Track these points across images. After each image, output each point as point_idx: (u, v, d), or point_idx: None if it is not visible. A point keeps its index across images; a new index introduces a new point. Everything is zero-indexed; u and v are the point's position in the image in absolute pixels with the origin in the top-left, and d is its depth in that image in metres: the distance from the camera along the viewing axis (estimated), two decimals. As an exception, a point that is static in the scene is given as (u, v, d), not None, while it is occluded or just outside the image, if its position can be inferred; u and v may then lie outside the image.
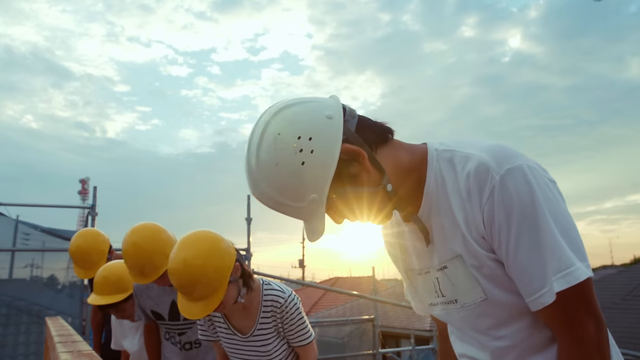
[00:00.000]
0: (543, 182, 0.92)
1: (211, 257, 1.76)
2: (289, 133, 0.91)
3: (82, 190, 29.74)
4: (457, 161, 0.98)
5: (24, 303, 5.76)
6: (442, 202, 1.00)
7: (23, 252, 6.22)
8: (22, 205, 5.85)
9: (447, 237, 1.00)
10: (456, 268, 1.01)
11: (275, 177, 0.92)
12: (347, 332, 7.54)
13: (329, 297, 19.29)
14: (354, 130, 0.98)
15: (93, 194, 5.57)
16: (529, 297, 0.93)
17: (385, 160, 1.00)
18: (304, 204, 0.94)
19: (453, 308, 1.06)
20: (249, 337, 1.95)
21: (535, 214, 0.89)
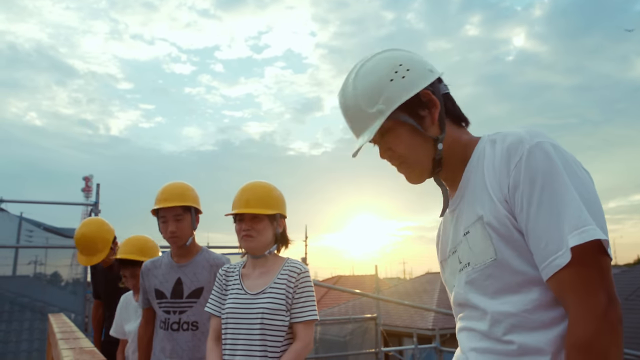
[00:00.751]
0: (570, 158, 1.00)
1: (270, 190, 2.19)
2: (395, 58, 1.12)
3: (86, 188, 29.79)
4: (499, 139, 1.07)
5: (27, 299, 5.78)
6: (479, 174, 1.08)
7: (26, 249, 6.24)
8: (25, 202, 5.88)
9: (475, 202, 1.07)
10: (476, 230, 1.06)
11: (368, 81, 1.11)
12: (350, 330, 7.54)
13: (331, 295, 19.31)
14: (441, 93, 1.14)
15: (96, 191, 5.58)
16: (544, 261, 0.95)
17: (449, 132, 1.14)
18: (372, 110, 1.10)
19: (464, 273, 1.10)
20: (258, 295, 2.02)
21: (557, 181, 0.95)
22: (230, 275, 2.18)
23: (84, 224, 3.38)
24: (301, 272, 2.06)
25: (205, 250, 2.60)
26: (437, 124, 1.12)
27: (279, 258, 2.16)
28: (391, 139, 1.13)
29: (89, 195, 21.73)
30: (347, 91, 1.15)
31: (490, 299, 1.04)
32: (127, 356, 2.96)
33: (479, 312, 1.07)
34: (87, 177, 31.43)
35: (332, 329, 7.78)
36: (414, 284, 20.33)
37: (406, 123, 1.11)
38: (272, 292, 2.01)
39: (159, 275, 2.53)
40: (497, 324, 1.02)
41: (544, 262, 0.95)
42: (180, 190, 2.54)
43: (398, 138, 1.12)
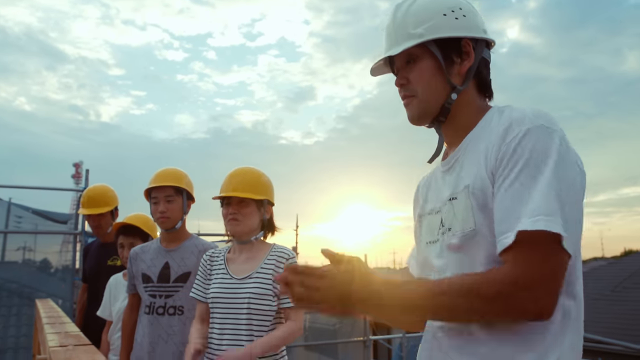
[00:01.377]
0: (565, 151, 0.97)
1: (259, 175, 2.21)
2: (459, 2, 1.15)
3: (76, 174, 29.56)
4: (506, 112, 1.07)
5: (16, 285, 5.76)
6: (479, 142, 1.08)
7: (15, 235, 6.21)
8: (14, 187, 5.83)
9: (468, 170, 1.07)
10: (462, 198, 1.05)
11: (425, 4, 1.14)
12: (339, 318, 7.59)
13: (321, 284, 19.38)
14: (483, 55, 1.16)
15: (86, 177, 5.54)
16: (498, 236, 0.94)
17: (470, 93, 1.16)
18: (412, 31, 1.13)
19: (446, 237, 1.09)
20: (244, 279, 2.03)
21: (540, 166, 0.94)
22: (214, 259, 2.19)
23: (93, 185, 3.57)
24: (290, 258, 2.08)
25: (194, 237, 2.62)
26: (462, 76, 1.14)
27: (266, 244, 2.17)
28: (413, 70, 1.15)
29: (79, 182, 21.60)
30: (403, 6, 1.17)
31: (463, 268, 1.03)
32: (112, 339, 2.95)
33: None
34: (77, 163, 31.18)
35: (322, 317, 7.82)
36: (404, 274, 20.41)
37: (434, 58, 1.13)
38: (258, 277, 2.01)
39: (146, 259, 2.54)
40: None
41: (498, 237, 0.95)
42: (174, 173, 2.58)
43: (420, 70, 1.14)
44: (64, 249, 6.03)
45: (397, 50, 1.14)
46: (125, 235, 2.96)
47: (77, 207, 5.93)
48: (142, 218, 3.03)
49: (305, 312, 2.08)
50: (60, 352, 1.44)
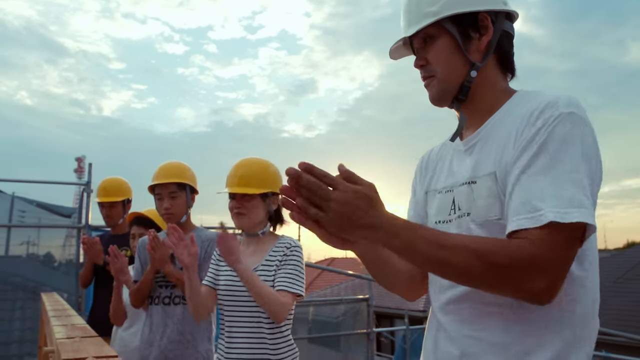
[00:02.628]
0: (595, 144, 0.95)
1: (265, 167, 2.17)
2: None
3: (78, 169, 29.66)
4: (533, 98, 1.03)
5: (20, 279, 5.77)
6: (504, 127, 1.03)
7: (19, 229, 6.20)
8: (17, 181, 5.83)
9: (491, 154, 1.03)
10: (484, 184, 1.01)
11: None
12: (342, 311, 7.60)
13: (324, 277, 19.44)
14: (503, 30, 1.10)
15: (89, 171, 5.53)
16: (517, 215, 0.90)
17: (491, 71, 1.11)
18: (427, 10, 1.08)
19: (463, 222, 1.05)
20: None
21: (572, 154, 0.90)
22: None
23: (108, 177, 3.59)
24: (290, 246, 2.05)
25: (199, 228, 2.64)
26: (482, 52, 1.09)
27: (273, 236, 2.16)
28: (431, 49, 1.11)
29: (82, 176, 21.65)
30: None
31: None
32: (117, 330, 2.97)
33: None
34: (80, 157, 31.27)
35: (325, 310, 7.84)
36: (407, 267, 20.41)
37: (451, 35, 1.08)
38: (263, 270, 2.01)
39: None
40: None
41: (516, 215, 0.91)
42: (176, 168, 2.59)
43: (437, 49, 1.10)
44: (67, 243, 6.03)
45: (412, 30, 1.10)
46: (138, 225, 2.98)
47: (80, 201, 5.94)
48: (155, 212, 3.04)
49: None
50: (67, 343, 1.44)
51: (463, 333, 1.04)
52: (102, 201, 3.44)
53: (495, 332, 0.98)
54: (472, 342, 1.02)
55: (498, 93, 1.11)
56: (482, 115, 1.10)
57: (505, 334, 0.97)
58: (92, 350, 1.32)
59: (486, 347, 0.99)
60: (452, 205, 1.09)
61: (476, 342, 1.01)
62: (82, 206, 5.55)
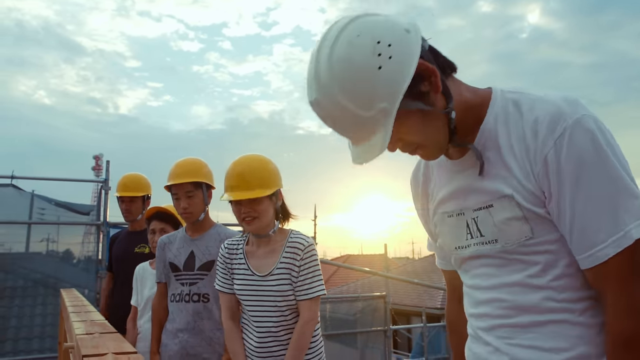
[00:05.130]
0: (610, 135, 0.91)
1: (265, 164, 2.07)
2: (369, 35, 0.89)
3: (96, 167, 30.01)
4: (524, 103, 0.96)
5: (40, 276, 5.85)
6: (500, 142, 0.98)
7: (39, 227, 6.28)
8: (36, 178, 5.90)
9: (499, 176, 0.98)
10: (503, 207, 0.98)
11: (349, 77, 0.89)
12: (359, 308, 7.58)
13: (340, 274, 19.42)
14: (427, 50, 0.98)
15: (106, 168, 5.58)
16: (588, 250, 0.89)
17: (454, 93, 1.00)
18: (371, 113, 0.90)
19: (491, 248, 1.02)
20: (266, 277, 1.98)
21: (607, 164, 0.88)
22: (233, 252, 2.14)
23: (129, 173, 3.60)
24: (305, 248, 2.00)
25: (218, 225, 2.63)
26: (440, 92, 0.97)
27: (282, 232, 2.11)
28: (400, 130, 0.96)
29: (99, 174, 21.89)
30: (326, 96, 0.92)
31: (514, 274, 1.01)
32: (139, 325, 2.98)
33: (502, 292, 1.04)
34: (97, 155, 31.65)
35: (342, 307, 7.82)
36: (423, 264, 20.36)
37: (412, 110, 0.94)
38: (279, 274, 1.98)
39: (173, 249, 2.58)
40: (528, 294, 0.99)
41: (587, 251, 0.89)
42: (191, 166, 2.54)
43: (408, 127, 0.96)
44: (85, 240, 6.10)
45: (381, 145, 0.91)
46: (158, 220, 2.98)
47: (98, 198, 5.99)
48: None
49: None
50: (87, 339, 1.43)
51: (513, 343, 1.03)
52: (123, 195, 3.44)
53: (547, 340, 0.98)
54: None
55: (473, 102, 1.02)
56: (468, 134, 1.03)
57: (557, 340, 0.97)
58: (111, 347, 1.31)
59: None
60: (468, 230, 1.06)
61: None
62: (100, 203, 5.60)
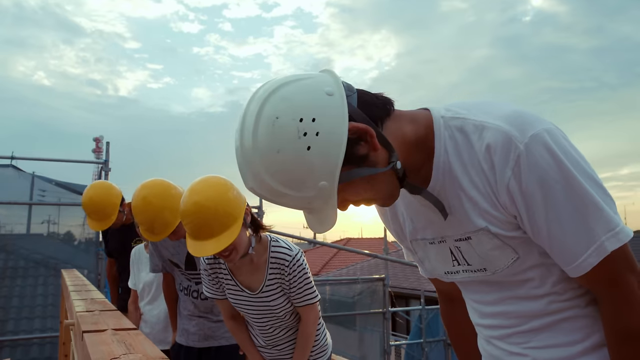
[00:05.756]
0: (569, 146, 0.89)
1: (223, 198, 1.75)
2: (289, 115, 0.82)
3: (96, 149, 29.89)
4: (471, 131, 0.92)
5: (41, 256, 5.89)
6: (458, 174, 0.94)
7: (40, 208, 6.30)
8: (36, 159, 5.90)
9: (467, 210, 0.96)
10: (481, 240, 0.97)
11: (279, 166, 0.83)
12: (358, 290, 7.63)
13: (340, 257, 19.51)
14: (356, 107, 0.89)
15: (106, 150, 5.59)
16: (571, 263, 0.91)
17: (390, 136, 0.92)
18: (313, 193, 0.85)
19: (481, 275, 1.03)
20: (258, 294, 1.94)
21: (569, 177, 0.86)
22: (215, 267, 2.03)
23: (91, 187, 3.24)
24: (289, 263, 1.89)
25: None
26: (381, 148, 0.90)
27: (262, 244, 1.93)
28: (346, 196, 0.91)
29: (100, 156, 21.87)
30: (262, 186, 0.86)
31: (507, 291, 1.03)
32: (141, 307, 3.02)
33: (508, 304, 1.05)
34: (98, 138, 31.52)
35: (341, 289, 7.87)
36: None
37: (352, 175, 0.88)
38: (270, 290, 1.93)
39: (169, 246, 2.52)
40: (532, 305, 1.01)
41: (571, 264, 0.91)
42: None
43: (353, 192, 0.91)
44: (86, 221, 6.12)
45: (329, 223, 0.91)
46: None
47: (98, 179, 6.00)
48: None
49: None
50: (87, 316, 1.45)
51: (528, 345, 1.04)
52: (98, 230, 3.32)
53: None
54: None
55: (415, 139, 0.95)
56: (421, 169, 0.98)
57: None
58: (111, 323, 1.33)
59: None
60: (453, 257, 1.06)
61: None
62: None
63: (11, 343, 5.08)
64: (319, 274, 16.47)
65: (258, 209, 6.32)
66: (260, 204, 6.38)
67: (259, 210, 6.34)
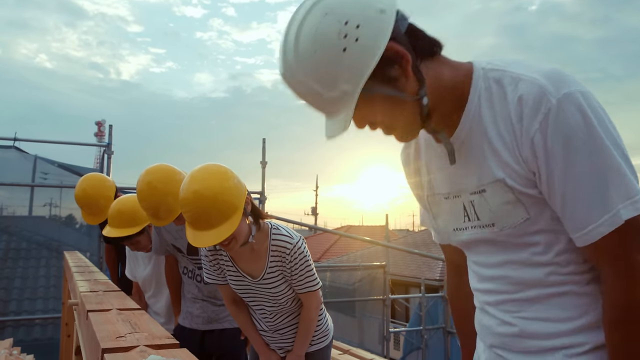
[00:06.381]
0: (602, 112, 0.88)
1: (222, 187, 1.72)
2: (337, 16, 0.86)
3: (99, 132, 29.93)
4: (507, 82, 0.93)
5: (43, 238, 5.90)
6: (487, 124, 0.96)
7: (42, 191, 6.31)
8: (38, 141, 5.88)
9: (489, 160, 0.97)
10: (496, 192, 0.97)
11: (313, 59, 0.87)
12: (359, 277, 7.66)
13: (341, 244, 19.57)
14: (402, 32, 0.92)
15: (109, 132, 5.56)
16: (581, 230, 0.89)
17: (427, 73, 0.94)
18: (334, 94, 0.89)
19: (489, 232, 1.02)
20: (260, 280, 1.94)
21: (596, 142, 0.85)
22: (216, 254, 2.03)
23: (84, 180, 3.17)
24: (290, 250, 1.89)
25: None
26: (412, 76, 0.92)
27: (262, 231, 1.92)
28: (366, 112, 0.94)
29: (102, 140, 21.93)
30: (292, 75, 0.92)
31: (511, 255, 1.02)
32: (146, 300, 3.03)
33: (505, 268, 1.04)
34: (100, 121, 31.55)
35: (342, 276, 7.90)
36: (423, 236, 20.47)
37: (377, 92, 0.91)
38: (272, 277, 1.93)
39: (171, 230, 2.52)
40: (533, 273, 1.00)
41: (582, 229, 0.89)
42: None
43: (374, 110, 0.94)
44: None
45: (342, 126, 0.91)
46: (122, 240, 2.78)
47: (101, 163, 5.99)
48: (127, 214, 2.67)
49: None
50: (91, 296, 1.45)
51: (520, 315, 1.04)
52: (94, 223, 3.22)
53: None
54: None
55: (453, 82, 0.98)
56: (452, 115, 1.00)
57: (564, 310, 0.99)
58: (115, 303, 1.33)
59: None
60: (465, 213, 1.06)
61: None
62: (103, 167, 5.59)
63: (14, 323, 5.11)
64: (320, 261, 16.52)
65: (260, 195, 6.31)
66: (262, 190, 6.37)
67: (261, 196, 6.33)
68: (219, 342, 2.49)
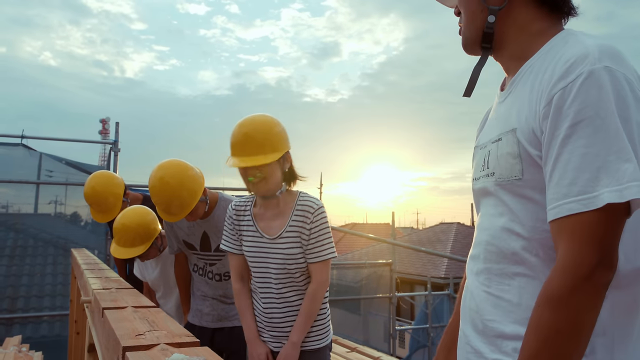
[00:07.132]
0: (635, 99, 0.83)
1: (276, 124, 1.96)
2: None
3: (103, 130, 30.01)
4: (571, 41, 0.93)
5: (50, 236, 5.90)
6: (533, 75, 0.96)
7: (47, 189, 6.31)
8: (45, 138, 5.88)
9: (515, 109, 0.97)
10: (507, 141, 0.96)
11: None
12: (365, 275, 7.64)
13: (346, 242, 19.57)
14: None
15: (115, 130, 5.56)
16: (559, 200, 0.83)
17: (521, 15, 1.02)
18: None
19: (490, 181, 1.01)
20: (276, 239, 1.95)
21: (612, 120, 0.81)
22: (241, 214, 2.07)
23: (93, 177, 3.16)
24: (315, 210, 1.95)
25: (221, 199, 2.49)
26: None
27: (291, 194, 2.02)
28: None
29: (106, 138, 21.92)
30: None
31: (503, 217, 0.99)
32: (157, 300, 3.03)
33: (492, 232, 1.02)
34: (104, 119, 31.63)
35: (347, 273, 7.89)
36: (428, 234, 20.46)
37: None
38: (289, 236, 1.95)
39: (183, 227, 2.51)
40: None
41: (556, 202, 0.83)
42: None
43: None
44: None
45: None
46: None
47: (107, 160, 6.00)
48: (134, 230, 2.68)
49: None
50: (104, 294, 1.43)
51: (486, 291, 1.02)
52: (103, 221, 3.21)
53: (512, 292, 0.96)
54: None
55: (532, 36, 1.01)
56: (517, 63, 1.03)
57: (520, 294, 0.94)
58: (130, 300, 1.31)
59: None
60: (483, 161, 1.05)
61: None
62: (110, 165, 5.59)
63: (21, 320, 5.12)
64: (324, 259, 16.48)
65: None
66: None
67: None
68: (229, 339, 2.49)
